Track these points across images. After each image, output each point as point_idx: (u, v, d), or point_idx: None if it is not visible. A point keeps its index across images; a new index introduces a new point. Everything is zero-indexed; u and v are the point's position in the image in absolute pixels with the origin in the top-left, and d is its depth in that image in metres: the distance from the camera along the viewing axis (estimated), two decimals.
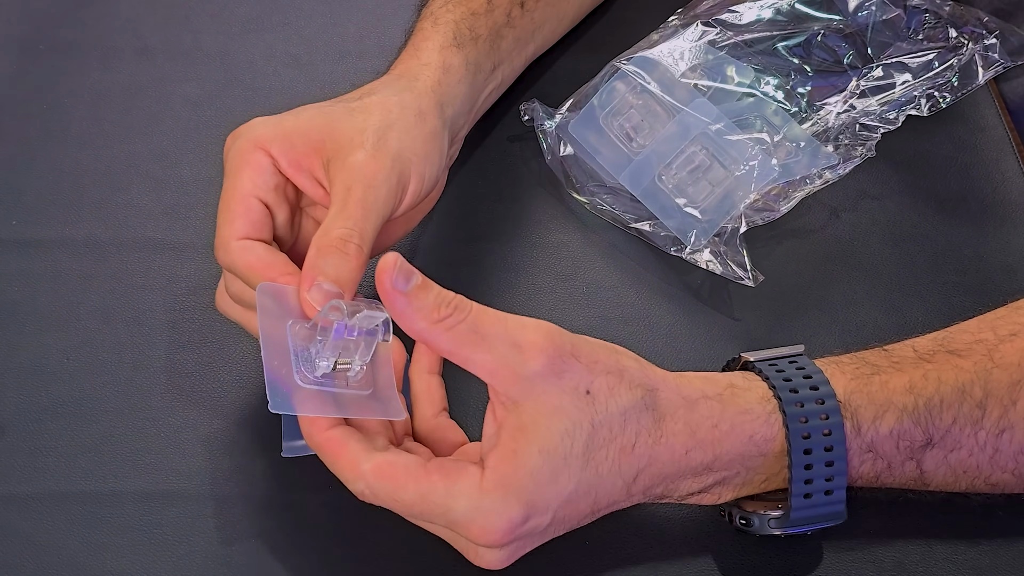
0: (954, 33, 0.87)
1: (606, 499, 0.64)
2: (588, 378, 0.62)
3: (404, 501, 0.62)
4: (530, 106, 0.89)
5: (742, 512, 0.68)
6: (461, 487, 0.61)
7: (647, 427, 0.63)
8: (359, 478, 0.62)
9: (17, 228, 0.85)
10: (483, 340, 0.61)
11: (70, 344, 0.78)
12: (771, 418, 0.65)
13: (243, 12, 1.00)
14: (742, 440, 0.65)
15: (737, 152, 0.82)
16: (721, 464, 0.65)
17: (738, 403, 0.65)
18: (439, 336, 0.62)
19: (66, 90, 0.93)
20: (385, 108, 0.73)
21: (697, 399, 0.65)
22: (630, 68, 0.85)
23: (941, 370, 0.67)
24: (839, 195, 0.87)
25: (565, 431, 0.61)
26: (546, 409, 0.62)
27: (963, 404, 0.66)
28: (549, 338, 0.62)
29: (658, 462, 0.64)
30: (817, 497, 0.66)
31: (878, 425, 0.66)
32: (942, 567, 0.70)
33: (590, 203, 0.87)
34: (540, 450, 0.61)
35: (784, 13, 0.89)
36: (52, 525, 0.70)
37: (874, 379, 0.67)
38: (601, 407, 0.62)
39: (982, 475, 0.68)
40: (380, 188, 0.69)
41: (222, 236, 0.69)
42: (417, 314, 0.61)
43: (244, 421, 0.75)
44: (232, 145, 0.71)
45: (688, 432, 0.64)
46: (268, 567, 0.69)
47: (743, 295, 0.82)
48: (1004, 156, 0.92)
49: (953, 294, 0.83)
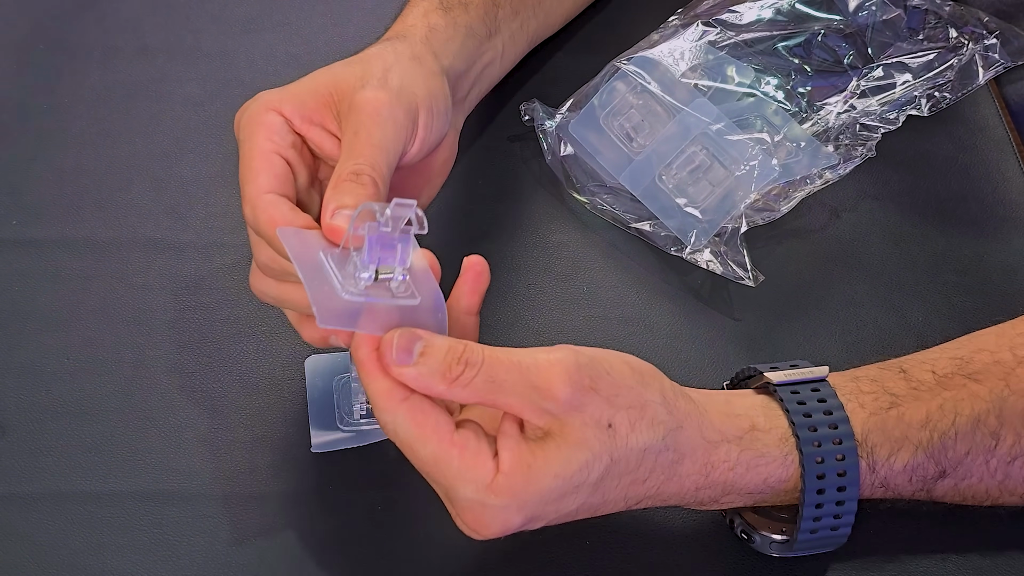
0: (954, 33, 0.87)
1: (602, 512, 0.65)
2: (609, 412, 0.62)
3: (418, 454, 0.61)
4: (530, 106, 0.89)
5: (745, 525, 0.69)
6: (473, 474, 0.61)
7: (663, 466, 0.63)
8: (391, 410, 0.61)
9: (17, 228, 0.84)
10: (501, 388, 0.61)
11: (70, 344, 0.78)
12: (787, 459, 0.65)
13: (243, 12, 1.00)
14: (756, 482, 0.65)
15: (737, 152, 0.82)
16: (729, 499, 0.66)
17: (757, 447, 0.65)
18: (459, 394, 0.61)
19: (66, 90, 0.93)
20: (382, 56, 0.73)
21: (718, 442, 0.65)
22: (630, 68, 0.85)
23: (958, 400, 0.67)
24: (839, 195, 0.87)
25: (584, 463, 0.61)
26: (570, 440, 0.61)
27: (976, 434, 0.66)
28: (566, 375, 0.61)
29: (665, 494, 0.65)
30: (823, 532, 0.66)
31: (892, 462, 0.66)
32: (943, 567, 0.70)
33: (590, 203, 0.87)
34: (556, 475, 0.61)
35: (784, 13, 0.89)
36: (52, 525, 0.70)
37: (891, 413, 0.67)
38: (622, 442, 0.62)
39: (990, 497, 0.68)
40: (387, 123, 0.69)
41: (248, 193, 0.68)
42: (431, 380, 0.61)
43: (244, 421, 0.75)
44: (242, 115, 0.71)
45: (703, 474, 0.64)
46: (268, 567, 0.69)
47: (743, 295, 0.82)
48: (1004, 156, 0.92)
49: (953, 294, 0.83)
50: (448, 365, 0.61)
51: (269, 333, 0.79)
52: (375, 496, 0.72)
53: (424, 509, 0.72)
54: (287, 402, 0.76)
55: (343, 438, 0.73)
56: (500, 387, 0.61)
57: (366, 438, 0.73)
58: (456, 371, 0.60)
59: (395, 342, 0.61)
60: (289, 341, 0.79)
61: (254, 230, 0.68)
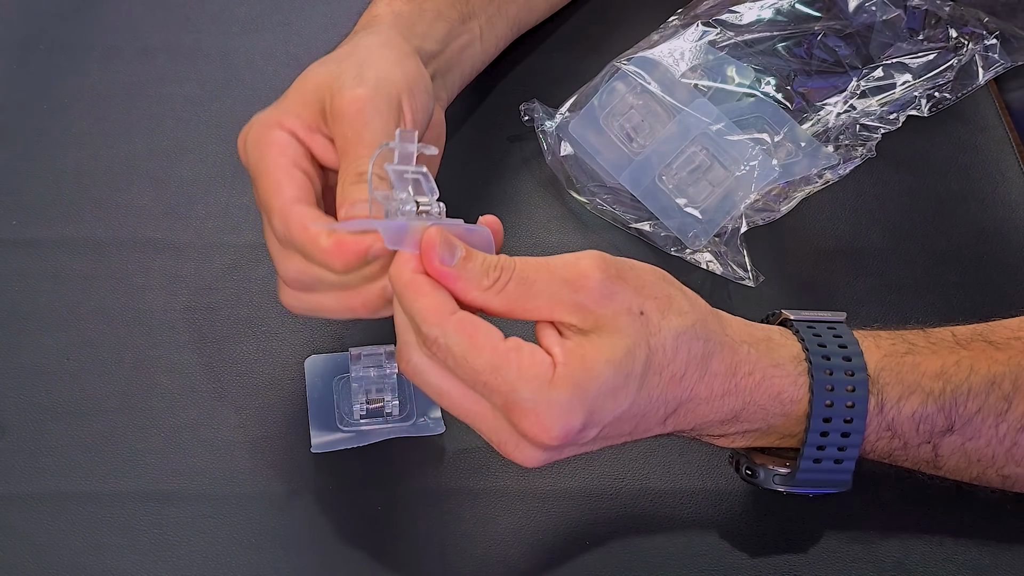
0: (954, 33, 0.87)
1: (645, 424, 0.65)
2: (638, 300, 0.63)
3: (473, 364, 0.61)
4: (530, 106, 0.89)
5: (750, 463, 0.69)
6: (534, 371, 0.61)
7: (696, 358, 0.64)
8: (440, 324, 0.61)
9: (17, 228, 0.84)
10: (532, 288, 0.62)
11: (70, 344, 0.78)
12: (800, 379, 0.66)
13: (243, 12, 1.00)
14: (770, 395, 0.66)
15: (737, 152, 0.82)
16: (747, 415, 0.66)
17: (773, 356, 0.66)
18: (492, 300, 0.62)
19: (66, 90, 0.93)
20: (354, 51, 0.73)
21: (739, 342, 0.66)
22: (630, 68, 0.85)
23: (975, 359, 0.67)
24: (839, 195, 0.87)
25: (628, 348, 0.62)
26: (607, 328, 0.62)
27: (990, 395, 0.67)
28: (594, 265, 0.63)
29: (697, 399, 0.65)
30: (826, 464, 0.66)
31: (901, 406, 0.66)
32: (943, 567, 0.70)
33: (590, 203, 0.87)
34: (608, 360, 0.61)
35: (784, 13, 0.89)
36: (52, 525, 0.70)
37: (907, 359, 0.67)
38: (655, 328, 0.63)
39: (995, 466, 0.68)
40: (373, 119, 0.69)
41: (276, 206, 0.67)
42: (468, 284, 0.62)
43: (244, 421, 0.75)
44: (247, 139, 0.71)
45: (727, 374, 0.65)
46: (268, 567, 0.69)
47: (744, 295, 0.82)
48: (1004, 156, 0.92)
49: (953, 294, 0.83)
50: (486, 270, 0.62)
51: (269, 333, 0.79)
52: (375, 496, 0.72)
53: (424, 509, 0.72)
54: (287, 402, 0.76)
55: (343, 438, 0.73)
56: (532, 287, 0.62)
57: (366, 438, 0.73)
58: (493, 276, 0.62)
59: (439, 242, 0.62)
60: (289, 341, 0.79)
61: (287, 241, 0.67)
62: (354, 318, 0.69)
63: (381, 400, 0.74)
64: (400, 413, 0.74)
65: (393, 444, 0.74)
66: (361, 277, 0.67)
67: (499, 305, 0.62)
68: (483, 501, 0.72)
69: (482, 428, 0.64)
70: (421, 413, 0.74)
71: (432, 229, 0.62)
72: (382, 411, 0.74)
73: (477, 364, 0.61)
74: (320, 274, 0.66)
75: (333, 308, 0.69)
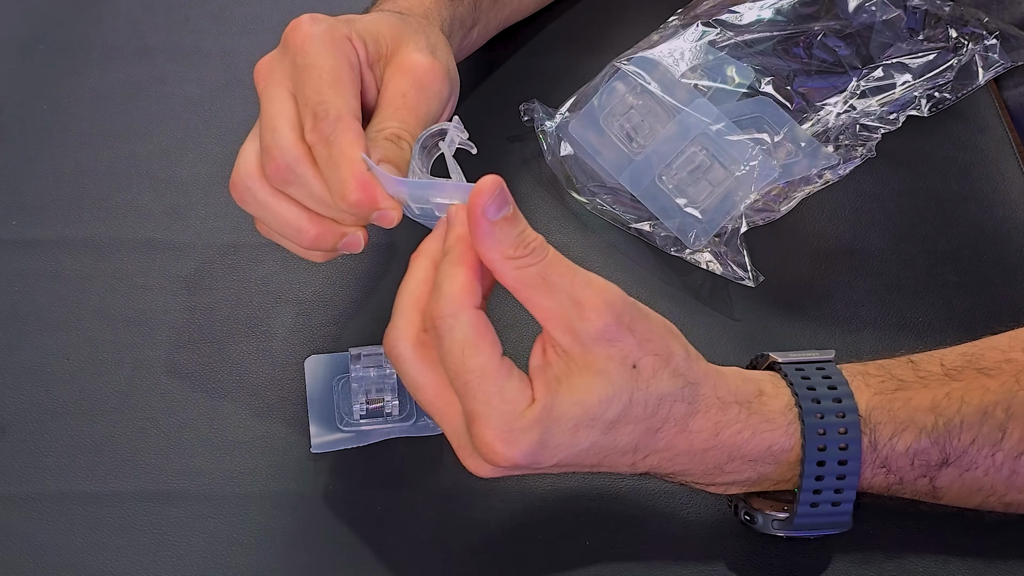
0: (954, 33, 0.87)
1: (610, 463, 0.64)
2: (637, 354, 0.62)
3: (467, 361, 0.60)
4: (530, 106, 0.89)
5: (748, 508, 0.69)
6: (512, 397, 0.60)
7: (677, 417, 0.64)
8: (462, 306, 0.61)
9: (17, 228, 0.85)
10: (547, 287, 0.61)
11: (70, 344, 0.78)
12: (790, 428, 0.65)
13: (243, 12, 1.00)
14: (760, 449, 0.65)
15: (737, 152, 0.82)
16: (732, 467, 0.66)
17: (764, 412, 0.65)
18: (507, 271, 0.61)
19: (66, 90, 0.93)
20: (408, 19, 0.72)
21: (730, 403, 0.65)
22: (630, 68, 0.85)
23: (966, 390, 0.67)
24: (839, 195, 0.87)
25: (605, 395, 0.61)
26: (593, 368, 0.61)
27: (984, 425, 0.66)
28: (610, 305, 0.62)
29: (674, 450, 0.64)
30: (824, 507, 0.66)
31: (895, 442, 0.66)
32: (944, 567, 0.70)
33: (590, 203, 0.87)
34: (577, 401, 0.61)
35: (784, 13, 0.89)
36: (52, 525, 0.70)
37: (898, 395, 0.67)
38: (643, 384, 0.62)
39: (996, 494, 0.68)
40: (433, 97, 0.69)
41: (333, 106, 0.65)
42: (495, 245, 0.61)
43: (244, 421, 0.75)
44: (311, 31, 0.68)
45: (712, 432, 0.64)
46: (268, 567, 0.69)
47: (744, 295, 0.82)
48: (1004, 156, 0.92)
49: (953, 294, 0.83)
50: (520, 242, 0.61)
51: (269, 333, 0.79)
52: (375, 496, 0.72)
53: (424, 509, 0.72)
54: (287, 402, 0.76)
55: (343, 438, 0.74)
56: (547, 286, 0.61)
57: (366, 438, 0.73)
58: (523, 250, 0.61)
59: (494, 191, 0.60)
60: (289, 341, 0.79)
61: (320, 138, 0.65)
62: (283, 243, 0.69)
63: (381, 400, 0.74)
64: (400, 413, 0.74)
65: (393, 444, 0.74)
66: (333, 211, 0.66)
67: (511, 280, 0.61)
68: (483, 501, 0.72)
69: (446, 428, 0.64)
70: (421, 413, 0.74)
71: (491, 178, 0.61)
72: (382, 411, 0.74)
73: (471, 362, 0.61)
74: (311, 182, 0.65)
75: (285, 219, 0.67)
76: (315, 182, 0.66)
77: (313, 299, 0.81)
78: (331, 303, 0.81)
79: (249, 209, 0.69)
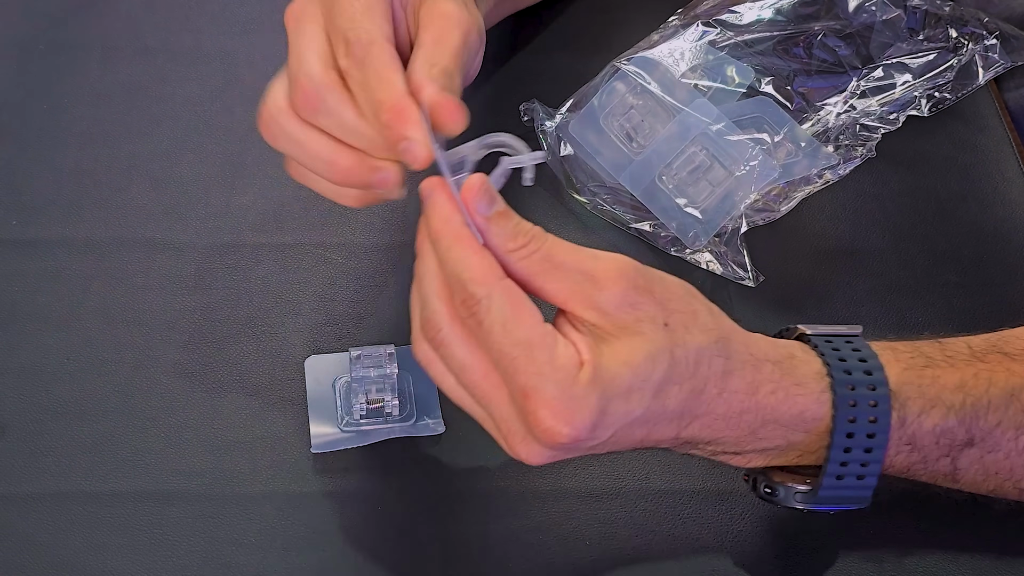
0: (954, 33, 0.87)
1: (657, 435, 0.63)
2: (663, 313, 0.62)
3: (512, 334, 0.59)
4: (530, 106, 0.89)
5: (768, 481, 0.67)
6: (564, 362, 0.59)
7: (716, 375, 0.63)
8: (489, 284, 0.60)
9: (17, 228, 0.84)
10: (556, 269, 0.61)
11: (70, 344, 0.78)
12: (822, 397, 0.64)
13: (243, 12, 1.00)
14: (792, 414, 0.64)
15: (737, 152, 0.82)
16: (765, 432, 0.65)
17: (796, 374, 0.65)
18: (512, 265, 0.61)
19: (66, 90, 0.93)
20: None
21: (763, 360, 0.64)
22: (630, 68, 0.85)
23: (993, 371, 0.67)
24: (839, 195, 0.87)
25: (649, 354, 0.61)
26: (628, 330, 0.61)
27: (1010, 408, 0.66)
28: (622, 272, 0.61)
29: (714, 414, 0.63)
30: (848, 480, 0.65)
31: (922, 420, 0.65)
32: (946, 568, 0.70)
33: (590, 203, 0.87)
34: (626, 362, 0.60)
35: (784, 13, 0.89)
36: (52, 525, 0.70)
37: (926, 372, 0.66)
38: (679, 339, 0.62)
39: (1013, 478, 0.67)
40: (471, 49, 0.68)
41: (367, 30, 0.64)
42: (494, 240, 0.60)
43: (244, 421, 0.75)
44: None
45: (748, 392, 0.64)
46: (268, 567, 0.69)
47: (744, 295, 0.82)
48: (1004, 156, 0.92)
49: (953, 294, 0.83)
50: (517, 232, 0.61)
51: (269, 333, 0.79)
52: (375, 496, 0.72)
53: (424, 509, 0.72)
54: (287, 402, 0.76)
55: (343, 438, 0.73)
56: (555, 268, 0.61)
57: (366, 438, 0.73)
58: (522, 240, 0.61)
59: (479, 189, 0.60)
60: (289, 341, 0.79)
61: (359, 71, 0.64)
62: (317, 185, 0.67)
63: (381, 400, 0.74)
64: (400, 413, 0.74)
65: (393, 444, 0.74)
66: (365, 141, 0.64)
67: (518, 272, 0.61)
68: (483, 501, 0.72)
69: (494, 414, 0.62)
70: (421, 413, 0.75)
71: (477, 176, 0.61)
72: (382, 411, 0.74)
73: (516, 335, 0.59)
74: (341, 109, 0.64)
75: (316, 151, 0.65)
76: (345, 109, 0.64)
77: (313, 299, 0.81)
78: (331, 303, 0.81)
79: (278, 145, 0.67)
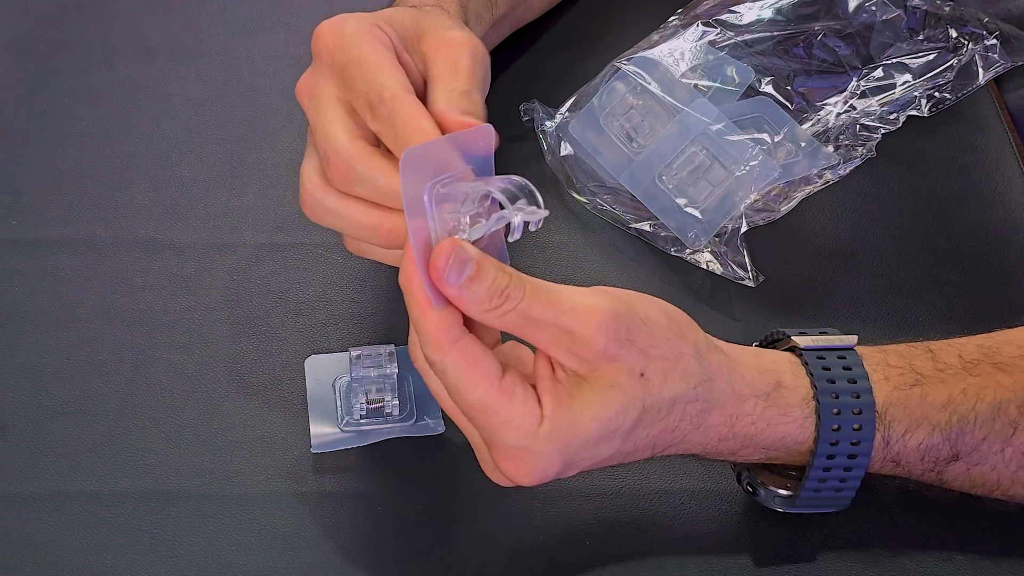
0: (954, 33, 0.87)
1: (631, 460, 0.65)
2: (643, 363, 0.62)
3: (465, 398, 0.61)
4: (530, 106, 0.89)
5: (751, 478, 0.69)
6: (522, 421, 0.61)
7: (692, 415, 0.64)
8: (442, 351, 0.60)
9: (17, 228, 0.84)
10: (534, 326, 0.61)
11: (70, 344, 0.78)
12: (806, 422, 0.66)
13: (243, 12, 1.00)
14: (773, 439, 0.66)
15: (737, 152, 0.82)
16: (745, 453, 0.66)
17: (781, 404, 0.66)
18: (489, 322, 0.61)
19: (66, 90, 0.93)
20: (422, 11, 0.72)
21: (746, 396, 0.65)
22: (630, 68, 0.85)
23: (982, 385, 0.67)
24: (839, 195, 0.87)
25: (620, 407, 0.62)
26: (603, 381, 0.61)
27: (996, 422, 0.66)
28: (601, 328, 0.61)
29: (690, 443, 0.65)
30: (827, 493, 0.67)
31: (907, 439, 0.66)
32: (944, 567, 0.70)
33: (590, 203, 0.87)
34: (594, 417, 0.61)
35: (784, 13, 0.89)
36: (52, 525, 0.70)
37: (915, 391, 0.67)
38: (654, 390, 0.62)
39: (1000, 487, 0.68)
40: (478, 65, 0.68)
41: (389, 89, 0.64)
42: (468, 305, 0.60)
43: (244, 421, 0.75)
44: (342, 29, 0.67)
45: (727, 425, 0.65)
46: (268, 567, 0.69)
47: (744, 295, 0.82)
48: (1004, 156, 0.92)
49: (953, 294, 0.83)
50: (491, 294, 0.60)
51: (269, 333, 0.79)
52: (375, 496, 0.72)
53: (424, 509, 0.72)
54: (287, 402, 0.76)
55: (343, 438, 0.73)
56: (534, 325, 0.61)
57: (366, 438, 0.73)
58: (496, 301, 0.60)
59: (450, 258, 0.59)
60: (289, 341, 0.79)
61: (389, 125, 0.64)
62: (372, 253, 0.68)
63: (381, 400, 0.74)
64: (400, 413, 0.74)
65: (393, 444, 0.74)
66: None
67: (495, 326, 0.61)
68: (483, 501, 0.72)
69: (469, 439, 0.65)
70: (421, 413, 0.75)
71: (446, 242, 0.60)
72: (382, 411, 0.74)
73: (469, 398, 0.61)
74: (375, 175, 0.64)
75: (358, 220, 0.66)
76: (377, 174, 0.65)
77: (313, 299, 0.81)
78: (331, 303, 0.81)
79: (324, 222, 0.68)
